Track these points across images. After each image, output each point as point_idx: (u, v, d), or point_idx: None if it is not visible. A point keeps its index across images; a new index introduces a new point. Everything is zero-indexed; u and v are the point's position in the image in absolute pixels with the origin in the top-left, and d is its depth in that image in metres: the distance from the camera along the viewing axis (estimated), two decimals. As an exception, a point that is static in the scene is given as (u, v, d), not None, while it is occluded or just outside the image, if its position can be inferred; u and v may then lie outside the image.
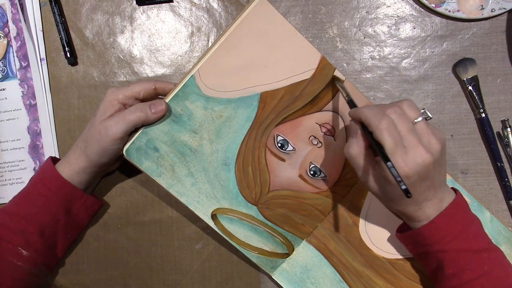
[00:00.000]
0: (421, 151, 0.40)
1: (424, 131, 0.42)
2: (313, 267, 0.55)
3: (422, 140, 0.41)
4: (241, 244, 0.53)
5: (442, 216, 0.44)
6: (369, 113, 0.42)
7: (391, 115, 0.41)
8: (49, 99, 0.59)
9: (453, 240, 0.44)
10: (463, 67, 0.55)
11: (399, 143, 0.40)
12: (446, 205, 0.44)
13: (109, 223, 0.58)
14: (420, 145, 0.40)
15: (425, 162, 0.40)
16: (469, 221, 0.45)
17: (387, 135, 0.40)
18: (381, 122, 0.40)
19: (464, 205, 0.46)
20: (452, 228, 0.44)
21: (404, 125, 0.41)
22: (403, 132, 0.41)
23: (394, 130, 0.40)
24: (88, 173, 0.52)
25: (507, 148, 0.55)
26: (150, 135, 0.49)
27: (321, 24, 0.57)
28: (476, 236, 0.45)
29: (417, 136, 0.41)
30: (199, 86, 0.49)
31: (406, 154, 0.40)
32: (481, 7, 0.55)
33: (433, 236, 0.44)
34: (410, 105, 0.43)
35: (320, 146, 0.53)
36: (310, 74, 0.51)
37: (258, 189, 0.52)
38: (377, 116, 0.41)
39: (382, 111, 0.41)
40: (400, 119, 0.41)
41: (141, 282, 0.58)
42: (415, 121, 0.42)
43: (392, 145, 0.40)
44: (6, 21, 0.59)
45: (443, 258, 0.44)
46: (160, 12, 0.58)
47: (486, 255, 0.44)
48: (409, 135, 0.41)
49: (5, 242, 0.50)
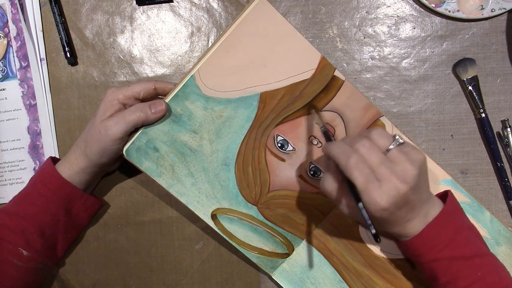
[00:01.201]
0: (395, 182, 0.39)
1: (397, 159, 0.41)
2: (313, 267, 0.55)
3: (396, 170, 0.40)
4: (241, 244, 0.53)
5: (428, 229, 0.43)
6: (337, 151, 0.41)
7: (360, 149, 0.40)
8: (49, 99, 0.59)
9: (444, 249, 0.43)
10: (463, 67, 0.55)
11: (371, 178, 0.39)
12: (432, 218, 0.44)
13: (109, 223, 0.58)
14: (393, 176, 0.40)
15: (401, 192, 0.40)
16: (459, 229, 0.44)
17: (357, 173, 0.39)
18: (349, 160, 0.40)
19: (454, 213, 0.45)
20: (441, 237, 0.44)
21: (375, 157, 0.40)
22: (375, 165, 0.40)
23: (363, 166, 0.39)
24: (88, 173, 0.52)
25: (507, 148, 0.55)
26: (150, 135, 0.49)
27: (321, 24, 0.57)
28: (467, 242, 0.44)
29: (390, 166, 0.40)
30: (199, 86, 0.49)
31: (380, 187, 0.39)
32: (481, 7, 0.55)
33: (422, 247, 0.44)
34: (380, 134, 0.42)
35: (320, 146, 0.53)
36: (310, 74, 0.51)
37: (258, 189, 0.52)
38: (345, 154, 0.40)
39: (351, 147, 0.41)
40: (370, 152, 0.40)
41: (141, 282, 0.58)
42: (388, 149, 0.41)
43: (363, 183, 0.39)
44: (6, 21, 0.59)
45: (435, 267, 0.44)
46: (160, 12, 0.58)
47: (478, 261, 0.44)
48: (381, 168, 0.40)
49: (5, 242, 0.50)
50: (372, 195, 0.39)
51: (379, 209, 0.40)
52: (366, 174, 0.39)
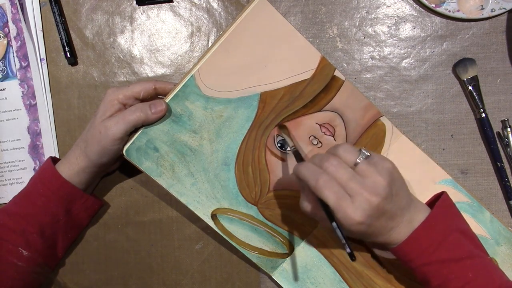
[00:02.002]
0: (366, 196, 0.40)
1: (366, 172, 0.41)
2: (313, 267, 0.55)
3: (366, 183, 0.40)
4: (241, 244, 0.53)
5: (415, 234, 0.43)
6: (306, 172, 0.42)
7: (329, 168, 0.41)
8: (49, 99, 0.59)
9: (434, 252, 0.43)
10: (463, 67, 0.55)
11: (342, 194, 0.40)
12: (418, 224, 0.44)
13: (109, 223, 0.58)
14: (363, 190, 0.40)
15: (373, 204, 0.40)
16: (448, 231, 0.44)
17: (327, 193, 0.40)
18: (318, 181, 0.40)
19: (443, 216, 0.45)
20: (430, 241, 0.44)
21: (343, 174, 0.40)
22: (344, 182, 0.40)
23: (333, 185, 0.40)
24: (88, 173, 0.52)
25: (507, 148, 0.55)
26: (150, 135, 0.49)
27: (321, 24, 0.57)
28: (457, 245, 0.44)
29: (359, 180, 0.40)
30: (199, 86, 0.49)
31: (353, 203, 0.40)
32: (481, 7, 0.55)
33: (411, 252, 0.44)
34: (346, 150, 0.42)
35: (320, 146, 0.53)
36: (310, 74, 0.51)
37: (258, 189, 0.52)
38: (314, 175, 0.41)
39: (319, 167, 0.41)
40: (338, 169, 0.41)
41: (141, 282, 0.58)
42: (356, 162, 0.42)
43: (334, 201, 0.40)
44: (6, 21, 0.59)
45: (427, 271, 0.44)
46: (160, 12, 0.58)
47: (469, 262, 0.43)
48: (350, 183, 0.40)
49: (5, 242, 0.50)
50: (346, 212, 0.40)
51: (355, 224, 0.40)
52: (337, 191, 0.40)
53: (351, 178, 0.40)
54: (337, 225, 0.40)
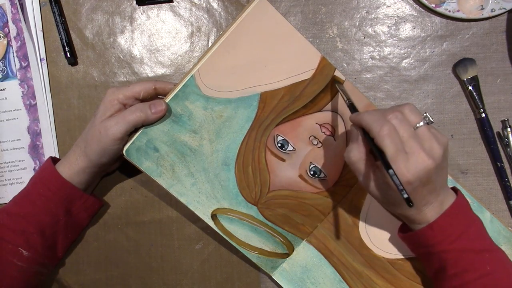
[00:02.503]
0: (423, 157, 0.40)
1: (426, 136, 0.41)
2: (313, 267, 0.55)
3: (424, 146, 0.41)
4: (241, 244, 0.53)
5: (442, 218, 0.44)
6: (370, 118, 0.41)
7: (392, 120, 0.41)
8: (49, 99, 0.59)
9: (455, 241, 0.43)
10: (463, 67, 0.55)
11: (401, 149, 0.40)
12: (447, 207, 0.44)
13: (109, 223, 0.58)
14: (421, 150, 0.40)
15: (427, 167, 0.40)
16: (471, 221, 0.45)
17: (388, 142, 0.39)
18: (382, 128, 0.40)
19: (466, 206, 0.46)
20: (453, 228, 0.44)
21: (405, 130, 0.40)
22: (405, 138, 0.40)
23: (395, 136, 0.40)
24: (88, 173, 0.52)
25: (507, 148, 0.55)
26: (150, 135, 0.49)
27: (321, 24, 0.57)
28: (478, 236, 0.45)
29: (418, 141, 0.41)
30: (199, 86, 0.49)
31: (408, 160, 0.40)
32: (481, 7, 0.55)
33: (434, 237, 0.44)
34: (411, 110, 0.42)
35: (320, 146, 0.53)
36: (310, 74, 0.51)
37: (258, 189, 0.52)
38: (378, 122, 0.40)
39: (383, 117, 0.41)
40: (401, 125, 0.41)
41: (141, 282, 0.58)
42: (417, 125, 0.42)
43: (393, 152, 0.39)
44: (6, 21, 0.59)
45: (445, 258, 0.44)
46: (160, 12, 0.58)
47: (488, 255, 0.44)
48: (410, 141, 0.40)
49: (6, 242, 0.50)
50: (399, 167, 0.40)
51: (404, 182, 0.40)
52: (397, 144, 0.40)
53: (412, 136, 0.40)
54: (394, 172, 0.39)
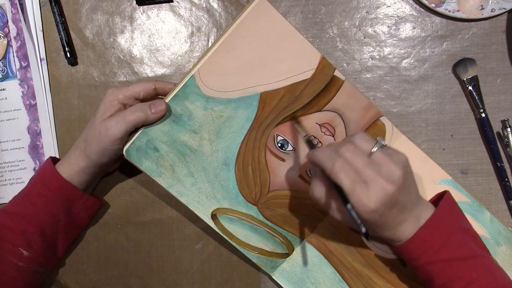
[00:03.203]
0: (381, 183, 0.40)
1: (382, 160, 0.41)
2: (313, 267, 0.55)
3: (381, 171, 0.40)
4: (241, 244, 0.53)
5: (420, 232, 0.43)
6: (321, 156, 0.42)
7: (345, 154, 0.41)
8: (49, 99, 0.59)
9: (438, 252, 0.43)
10: (463, 67, 0.55)
11: (357, 180, 0.40)
12: (424, 221, 0.44)
13: (109, 223, 0.58)
14: (379, 177, 0.40)
15: (388, 192, 0.40)
16: (452, 231, 0.44)
17: (343, 176, 0.40)
18: (334, 164, 0.40)
19: (447, 215, 0.45)
20: (434, 240, 0.43)
21: (359, 160, 0.40)
22: (360, 168, 0.40)
23: (349, 169, 0.40)
24: (88, 173, 0.52)
25: (507, 148, 0.55)
26: (150, 135, 0.49)
27: (321, 24, 0.57)
28: (461, 244, 0.44)
29: (375, 168, 0.40)
30: (199, 86, 0.49)
31: (368, 189, 0.40)
32: (481, 7, 0.55)
33: (416, 251, 0.44)
34: (362, 138, 0.42)
35: (320, 146, 0.53)
36: (310, 74, 0.51)
37: (258, 189, 0.52)
38: (330, 159, 0.41)
39: (335, 152, 0.41)
40: (354, 156, 0.40)
41: (141, 282, 0.58)
42: (372, 151, 0.41)
43: (349, 185, 0.40)
44: (6, 21, 0.59)
45: (430, 270, 0.44)
46: (160, 12, 0.58)
47: (473, 262, 0.43)
48: (366, 170, 0.40)
49: (6, 242, 0.50)
50: (360, 198, 0.40)
51: (369, 211, 0.40)
52: (352, 176, 0.40)
53: (367, 165, 0.40)
54: (352, 206, 0.40)
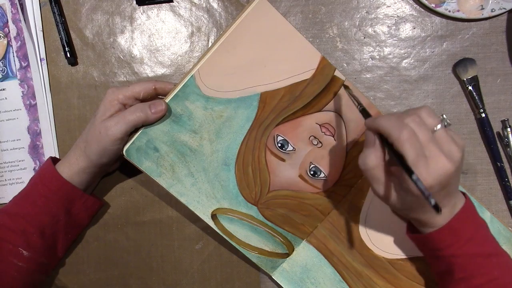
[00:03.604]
0: (443, 161, 0.39)
1: (444, 139, 0.40)
2: (313, 267, 0.55)
3: (443, 149, 0.40)
4: (241, 244, 0.53)
5: (453, 222, 0.43)
6: (388, 124, 0.40)
7: (410, 124, 0.39)
8: (49, 99, 0.59)
9: (465, 245, 0.43)
10: (463, 67, 0.55)
11: (421, 154, 0.39)
12: (457, 211, 0.44)
13: (109, 223, 0.58)
14: (441, 154, 0.39)
15: (448, 171, 0.39)
16: (479, 225, 0.44)
17: (409, 146, 0.38)
18: (401, 133, 0.39)
19: (473, 209, 0.45)
20: (463, 233, 0.43)
21: (424, 134, 0.39)
22: (424, 142, 0.39)
23: (415, 140, 0.39)
24: (88, 173, 0.52)
25: (507, 148, 0.55)
26: (150, 135, 0.49)
27: (321, 24, 0.57)
28: (485, 240, 0.44)
29: (437, 145, 0.40)
30: (199, 86, 0.49)
31: (428, 164, 0.39)
32: (481, 7, 0.55)
33: (444, 241, 0.44)
34: (429, 113, 0.41)
35: (320, 146, 0.53)
36: (310, 74, 0.51)
37: (258, 189, 0.52)
38: (397, 127, 0.39)
39: (401, 121, 0.40)
40: (420, 128, 0.39)
41: (141, 282, 0.58)
42: (435, 129, 0.41)
43: (414, 157, 0.38)
44: (6, 21, 0.59)
45: (454, 262, 0.44)
46: (160, 12, 0.58)
47: (495, 259, 0.43)
48: (430, 145, 0.39)
49: (6, 242, 0.50)
50: (421, 171, 0.38)
51: (426, 187, 0.39)
52: (417, 148, 0.39)
53: (431, 139, 0.39)
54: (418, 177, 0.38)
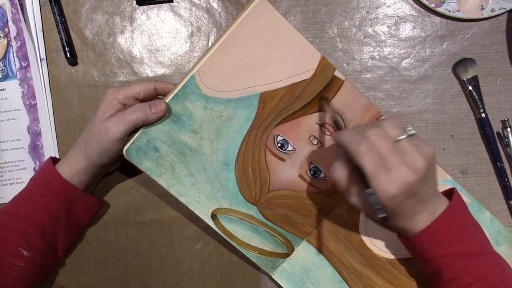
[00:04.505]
0: (403, 171, 0.40)
1: (407, 149, 0.41)
2: (313, 267, 0.55)
3: (405, 159, 0.40)
4: (241, 244, 0.53)
5: (434, 225, 0.43)
6: (347, 138, 0.42)
7: (371, 137, 0.40)
8: (49, 99, 0.59)
9: (449, 246, 0.43)
10: (463, 67, 0.55)
11: (380, 165, 0.40)
12: (438, 214, 0.44)
13: (109, 223, 0.58)
14: (402, 165, 0.40)
15: (409, 181, 0.40)
16: (465, 226, 0.44)
17: (367, 159, 0.40)
18: (360, 146, 0.40)
19: (460, 210, 0.45)
20: (447, 233, 0.44)
21: (385, 145, 0.40)
22: (384, 153, 0.40)
23: (373, 153, 0.40)
24: (88, 173, 0.52)
25: (507, 148, 0.55)
26: (150, 135, 0.49)
27: (321, 24, 0.57)
28: (473, 240, 0.44)
29: (399, 155, 0.40)
30: (199, 86, 0.49)
31: (389, 175, 0.40)
32: (481, 7, 0.55)
33: (427, 243, 0.44)
34: (391, 124, 0.42)
35: (320, 146, 0.53)
36: (310, 74, 0.51)
37: (258, 189, 0.52)
38: (356, 141, 0.41)
39: (362, 134, 0.41)
40: (380, 140, 0.40)
41: (141, 282, 0.58)
42: (398, 139, 0.41)
43: (372, 169, 0.40)
44: (6, 21, 0.59)
45: (440, 263, 0.44)
46: (160, 12, 0.58)
47: (483, 259, 0.44)
48: (390, 156, 0.40)
49: (6, 242, 0.50)
50: (381, 182, 0.39)
51: (387, 197, 0.40)
52: (376, 161, 0.40)
53: (392, 151, 0.40)
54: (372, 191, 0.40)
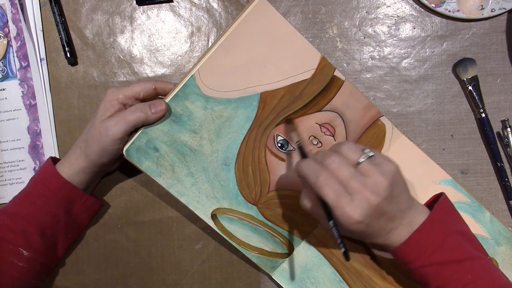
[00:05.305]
0: (366, 195, 0.40)
1: (368, 171, 0.41)
2: (313, 267, 0.55)
3: (367, 182, 0.40)
4: (241, 244, 0.53)
5: (414, 236, 0.43)
6: (306, 169, 0.42)
7: (330, 165, 0.40)
8: (49, 99, 0.59)
9: (433, 254, 0.43)
10: (463, 67, 0.55)
11: (342, 193, 0.40)
12: (417, 226, 0.43)
13: (109, 223, 0.58)
14: (364, 189, 0.40)
15: (372, 204, 0.40)
16: (448, 233, 0.44)
17: (326, 190, 0.40)
18: (318, 178, 0.40)
19: (442, 218, 0.45)
20: (429, 243, 0.43)
21: (345, 172, 0.40)
22: (345, 180, 0.40)
23: (333, 182, 0.40)
24: (88, 173, 0.52)
25: (507, 148, 0.55)
26: (150, 135, 0.49)
27: (321, 24, 0.57)
28: (457, 246, 0.44)
29: (361, 179, 0.40)
30: (199, 86, 0.50)
31: (352, 201, 0.40)
32: (481, 7, 0.55)
33: (410, 254, 0.44)
34: (349, 148, 0.42)
35: (320, 146, 0.53)
36: (310, 74, 0.51)
37: (258, 189, 0.52)
38: (314, 172, 0.41)
39: (320, 164, 0.41)
40: (340, 167, 0.40)
41: (141, 282, 0.58)
42: (358, 161, 0.41)
43: (334, 198, 0.40)
44: (6, 21, 0.59)
45: (425, 273, 0.44)
46: (160, 12, 0.58)
47: (469, 264, 0.43)
48: (351, 181, 0.40)
49: (6, 242, 0.50)
50: (344, 210, 0.40)
51: (353, 222, 0.40)
52: (336, 189, 0.40)
53: (352, 176, 0.40)
54: (334, 223, 0.40)
